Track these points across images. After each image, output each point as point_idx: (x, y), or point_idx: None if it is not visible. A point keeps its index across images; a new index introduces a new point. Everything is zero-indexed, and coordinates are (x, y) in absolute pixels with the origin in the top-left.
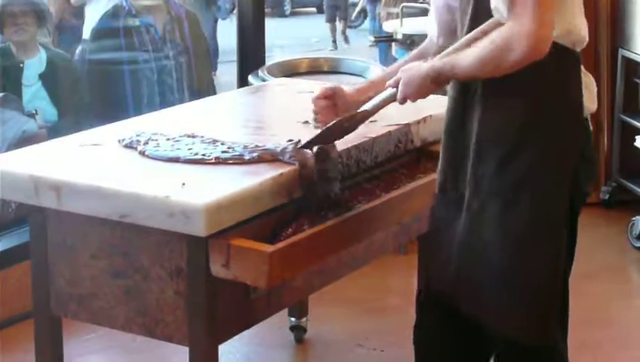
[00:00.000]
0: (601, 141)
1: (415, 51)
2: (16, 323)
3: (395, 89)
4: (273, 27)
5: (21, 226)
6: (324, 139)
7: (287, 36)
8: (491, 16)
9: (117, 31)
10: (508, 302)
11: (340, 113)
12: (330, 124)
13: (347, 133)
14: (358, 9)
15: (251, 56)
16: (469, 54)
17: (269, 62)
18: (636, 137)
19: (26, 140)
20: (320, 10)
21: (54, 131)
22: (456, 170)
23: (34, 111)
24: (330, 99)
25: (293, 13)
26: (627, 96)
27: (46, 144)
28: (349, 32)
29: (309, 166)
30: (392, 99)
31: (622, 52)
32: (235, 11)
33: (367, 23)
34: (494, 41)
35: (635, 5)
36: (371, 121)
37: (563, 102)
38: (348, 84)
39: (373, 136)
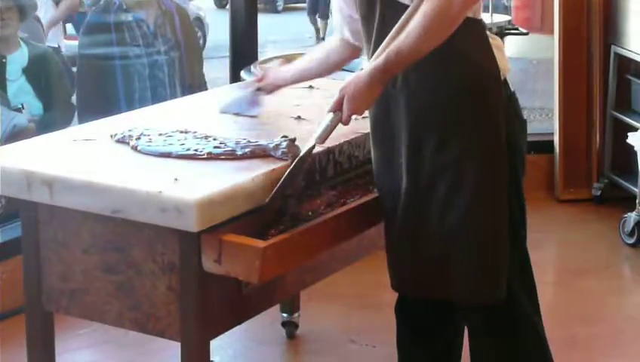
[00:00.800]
0: (593, 138)
1: (322, 48)
2: (7, 318)
3: (337, 112)
4: (266, 23)
5: (12, 221)
6: (289, 183)
7: (279, 32)
8: (399, 17)
9: (108, 26)
10: (462, 268)
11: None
12: (288, 170)
13: (307, 172)
14: None
15: (244, 51)
16: (410, 32)
17: (261, 57)
18: (628, 134)
19: (16, 134)
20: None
21: (40, 125)
22: (391, 160)
23: (20, 106)
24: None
25: (286, 9)
26: (619, 93)
27: (39, 139)
28: None
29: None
30: (337, 122)
31: (614, 49)
32: (228, 7)
33: None
34: (429, 6)
35: (627, 2)
36: (364, 117)
37: (480, 70)
38: (339, 80)
39: (365, 131)
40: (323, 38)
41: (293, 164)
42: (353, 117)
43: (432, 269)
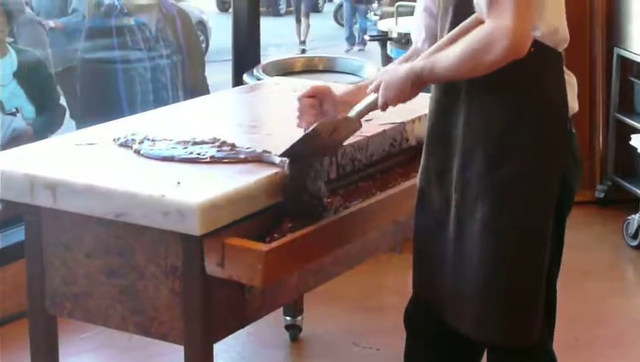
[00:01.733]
0: (596, 140)
1: (402, 58)
2: (11, 322)
3: (376, 94)
4: (268, 26)
5: (11, 226)
6: (304, 145)
7: (282, 35)
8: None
9: (109, 30)
10: (494, 306)
11: (326, 115)
12: (309, 130)
13: (336, 147)
14: None
15: (246, 55)
16: (449, 54)
17: (264, 61)
18: (631, 136)
19: (15, 138)
20: (315, 10)
21: (34, 128)
22: (441, 173)
23: (15, 110)
24: (317, 99)
25: (288, 12)
26: (622, 95)
27: (41, 143)
28: (344, 31)
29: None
30: (374, 104)
31: (617, 51)
32: (231, 10)
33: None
34: (473, 39)
35: (630, 4)
36: (366, 120)
37: (547, 103)
38: (341, 84)
39: (368, 134)
40: (304, 42)
41: (319, 123)
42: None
43: (464, 295)
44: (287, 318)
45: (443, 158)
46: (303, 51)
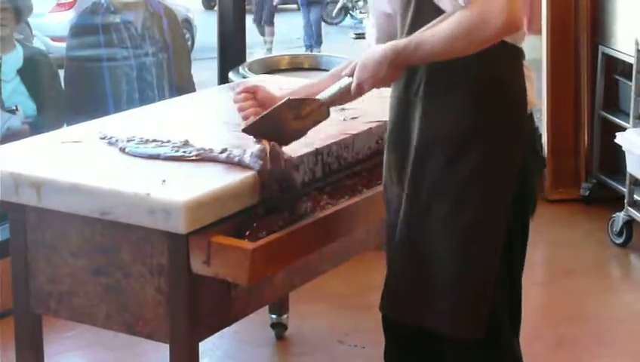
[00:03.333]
0: (581, 138)
1: (337, 68)
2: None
3: (350, 78)
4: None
5: (2, 223)
6: (267, 124)
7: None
8: (433, 17)
9: (96, 28)
10: (449, 299)
11: (266, 106)
12: (274, 106)
13: (302, 132)
14: (338, 6)
15: (232, 53)
16: (438, 31)
17: (249, 59)
18: (616, 134)
19: (10, 137)
20: None
21: (34, 126)
22: (400, 170)
23: (14, 107)
24: (254, 95)
25: (277, 10)
26: (607, 93)
27: (26, 141)
28: (329, 28)
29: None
30: (347, 88)
31: (602, 49)
32: (216, 8)
33: (347, 20)
34: (465, 18)
35: (615, 2)
36: (352, 118)
37: (506, 98)
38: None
39: (354, 132)
40: (270, 50)
41: (288, 98)
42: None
43: (415, 293)
44: (273, 316)
45: (401, 155)
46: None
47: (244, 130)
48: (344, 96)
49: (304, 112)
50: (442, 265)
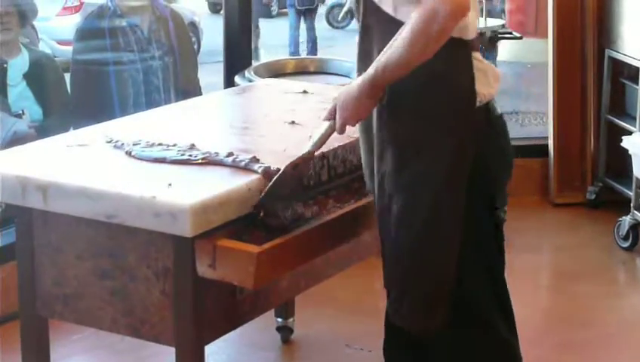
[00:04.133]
0: (587, 141)
1: None
2: (2, 324)
3: (331, 121)
4: (260, 27)
5: (8, 226)
6: (278, 189)
7: (273, 36)
8: (378, 16)
9: (102, 31)
10: (406, 292)
11: None
12: (280, 172)
13: (300, 180)
14: (344, 10)
15: (238, 56)
16: (397, 45)
17: (255, 62)
18: (622, 137)
19: (16, 141)
20: None
21: (40, 130)
22: (370, 171)
23: (21, 112)
24: None
25: (280, 14)
26: (613, 97)
27: (33, 144)
28: (335, 32)
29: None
30: (331, 130)
31: (608, 52)
32: (222, 12)
33: (353, 24)
34: (414, 20)
35: (621, 6)
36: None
37: (449, 92)
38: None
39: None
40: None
41: (284, 166)
42: (348, 127)
43: (388, 288)
44: (279, 320)
45: (369, 159)
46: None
47: (259, 205)
48: (328, 137)
49: (299, 171)
50: (400, 261)
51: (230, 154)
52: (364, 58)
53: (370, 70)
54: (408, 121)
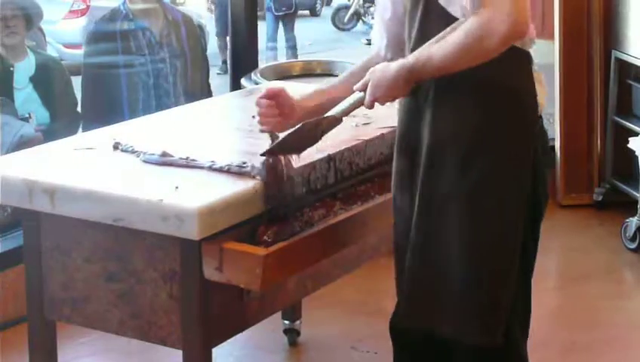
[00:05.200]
0: (594, 143)
1: (360, 63)
2: (10, 327)
3: (362, 93)
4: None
5: (17, 230)
6: (288, 145)
7: (279, 39)
8: (442, 16)
9: (114, 34)
10: (462, 303)
11: (284, 117)
12: (293, 129)
13: (315, 142)
14: (350, 12)
15: (244, 59)
16: (445, 45)
17: (261, 65)
18: (629, 139)
19: (23, 144)
20: (313, 14)
21: (47, 134)
22: (409, 175)
23: (28, 115)
24: (274, 100)
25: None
26: (620, 98)
27: (40, 148)
28: (341, 34)
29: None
30: (360, 103)
31: (615, 54)
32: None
33: (359, 26)
34: (470, 29)
35: (628, 7)
36: (364, 124)
37: (516, 101)
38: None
39: (366, 138)
40: (225, 62)
41: (302, 124)
42: (376, 105)
43: (430, 298)
44: (286, 322)
45: (410, 160)
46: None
47: (264, 155)
48: (356, 108)
49: (320, 131)
50: (456, 270)
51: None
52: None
53: (412, 58)
54: (470, 127)
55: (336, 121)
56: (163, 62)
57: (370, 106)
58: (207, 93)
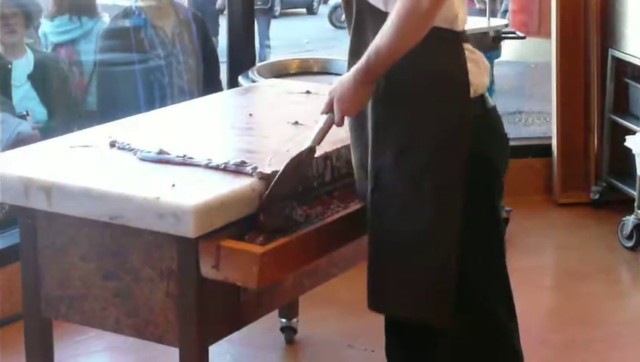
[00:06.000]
0: (591, 141)
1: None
2: (6, 326)
3: (330, 113)
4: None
5: (13, 227)
6: (281, 186)
7: (276, 37)
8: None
9: (127, 33)
10: (409, 286)
11: None
12: (281, 170)
13: (303, 177)
14: None
15: (241, 56)
16: (385, 31)
17: (258, 63)
18: (626, 137)
19: (20, 142)
20: (310, 12)
21: (44, 131)
22: (362, 166)
23: (25, 113)
24: None
25: (283, 14)
26: (617, 96)
27: (36, 145)
28: (338, 32)
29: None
30: (330, 124)
31: (612, 52)
32: (225, 12)
33: None
34: (401, 5)
35: (625, 5)
36: None
37: (444, 83)
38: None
39: None
40: None
41: (285, 165)
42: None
43: (383, 282)
44: (283, 320)
45: (361, 151)
46: None
47: (263, 204)
48: (327, 131)
49: (303, 165)
50: (402, 255)
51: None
52: (357, 54)
53: (363, 58)
54: (403, 115)
55: (313, 151)
56: (177, 59)
57: (341, 123)
58: (219, 91)
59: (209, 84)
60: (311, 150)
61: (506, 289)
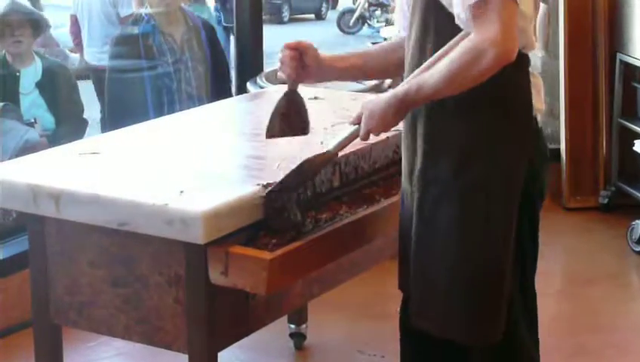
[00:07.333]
0: (599, 145)
1: (386, 43)
2: (16, 332)
3: (357, 125)
4: (271, 34)
5: (21, 234)
6: (291, 182)
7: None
8: (443, 13)
9: (136, 40)
10: (457, 305)
11: (308, 69)
12: (295, 167)
13: (314, 176)
14: (355, 15)
15: (249, 63)
16: (434, 72)
17: (267, 69)
18: (635, 141)
19: (28, 149)
20: (319, 17)
21: (52, 139)
22: (410, 172)
23: (33, 120)
24: (299, 52)
25: (291, 20)
26: (625, 101)
27: (45, 152)
28: (346, 38)
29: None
30: (355, 136)
31: (620, 56)
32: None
33: (365, 29)
34: (459, 53)
35: (633, 9)
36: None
37: (514, 104)
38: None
39: (371, 142)
40: None
41: (300, 163)
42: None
43: (431, 301)
44: (292, 326)
45: (410, 157)
46: None
47: (272, 191)
48: (351, 141)
49: (316, 166)
50: (451, 273)
51: None
52: (420, 56)
53: (403, 87)
54: (463, 130)
55: (332, 155)
56: (185, 66)
57: (366, 138)
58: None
59: (218, 91)
60: (330, 155)
61: (532, 301)
